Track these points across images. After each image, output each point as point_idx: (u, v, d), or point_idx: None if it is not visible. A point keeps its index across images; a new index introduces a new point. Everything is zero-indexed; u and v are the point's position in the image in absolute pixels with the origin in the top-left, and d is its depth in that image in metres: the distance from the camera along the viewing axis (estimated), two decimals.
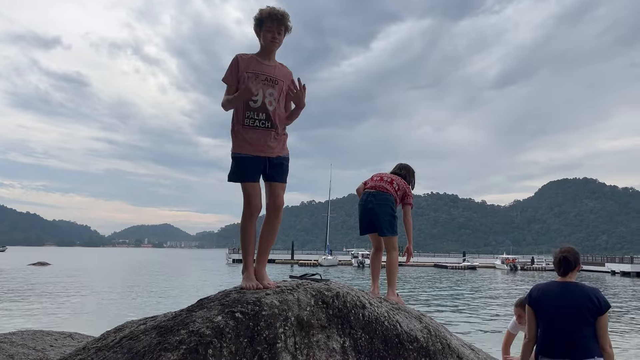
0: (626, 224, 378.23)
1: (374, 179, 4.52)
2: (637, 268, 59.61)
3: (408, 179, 4.64)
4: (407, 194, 4.47)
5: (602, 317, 3.29)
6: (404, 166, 4.75)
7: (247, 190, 3.26)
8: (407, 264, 77.83)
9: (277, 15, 3.33)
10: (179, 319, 2.80)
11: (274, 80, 3.37)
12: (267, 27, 3.34)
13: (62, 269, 52.56)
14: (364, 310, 3.14)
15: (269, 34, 3.35)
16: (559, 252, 3.59)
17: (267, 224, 3.36)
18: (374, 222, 4.37)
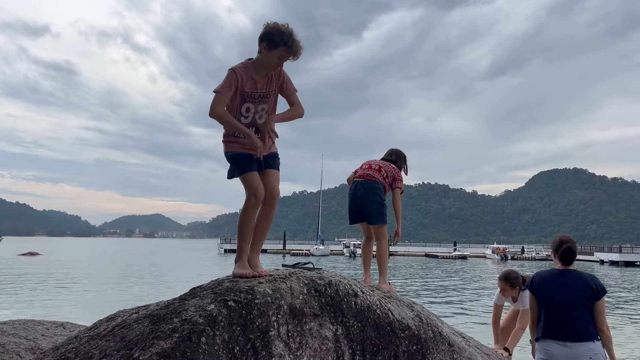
0: (615, 214, 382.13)
1: (362, 168, 4.52)
2: (625, 257, 60.36)
3: (399, 164, 4.65)
4: (396, 179, 4.47)
5: (599, 301, 3.64)
6: (394, 151, 4.75)
7: (250, 180, 3.25)
8: (398, 254, 78.18)
9: (294, 50, 3.16)
10: (172, 307, 2.80)
11: (267, 94, 3.31)
12: (278, 53, 3.16)
13: (53, 259, 52.34)
14: (356, 299, 3.15)
15: (276, 61, 3.19)
16: (561, 242, 3.83)
17: (262, 213, 3.36)
18: (363, 211, 4.38)
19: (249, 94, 3.23)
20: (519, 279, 4.89)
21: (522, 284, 4.88)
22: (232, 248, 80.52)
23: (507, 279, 4.92)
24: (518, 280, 4.89)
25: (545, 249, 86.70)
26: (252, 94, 3.24)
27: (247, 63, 3.26)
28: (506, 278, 4.93)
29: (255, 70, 3.23)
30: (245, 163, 3.26)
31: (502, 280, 4.95)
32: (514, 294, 4.94)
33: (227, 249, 79.76)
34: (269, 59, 3.17)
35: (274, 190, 3.34)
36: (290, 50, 3.14)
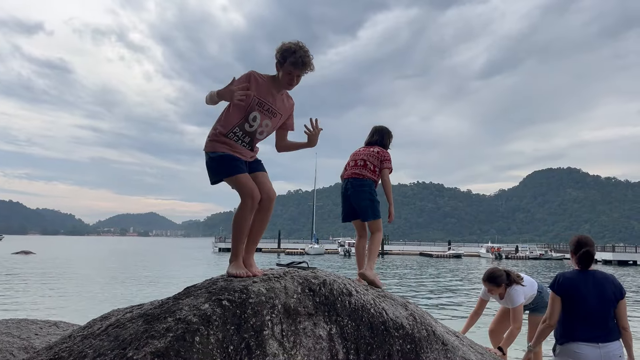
0: (608, 213, 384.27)
1: (349, 166, 4.48)
2: (619, 256, 60.70)
3: (384, 142, 4.57)
4: (383, 160, 4.39)
5: (622, 301, 3.75)
6: (377, 130, 4.64)
7: (244, 181, 3.22)
8: (393, 253, 78.21)
9: (302, 65, 3.25)
10: (166, 306, 2.80)
11: (275, 113, 3.36)
12: (288, 70, 3.26)
13: (46, 258, 52.11)
14: (350, 298, 3.16)
15: (288, 77, 3.29)
16: (579, 244, 3.97)
17: (260, 215, 3.34)
18: (355, 209, 4.37)
19: (260, 102, 3.27)
20: (502, 277, 4.85)
21: (507, 280, 4.85)
22: (226, 247, 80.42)
23: (491, 279, 4.89)
24: (502, 278, 4.84)
25: (539, 248, 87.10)
26: (263, 104, 3.28)
27: (268, 75, 3.35)
28: (489, 279, 4.90)
29: (273, 84, 3.32)
30: (234, 164, 3.22)
31: (486, 281, 4.92)
32: (500, 291, 4.90)
33: (222, 247, 79.72)
34: (282, 75, 3.28)
35: (270, 192, 3.36)
36: (295, 63, 3.23)
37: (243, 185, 3.21)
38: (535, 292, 5.02)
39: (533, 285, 5.06)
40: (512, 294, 4.83)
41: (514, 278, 4.89)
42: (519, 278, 4.93)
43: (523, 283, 4.92)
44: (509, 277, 4.87)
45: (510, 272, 4.96)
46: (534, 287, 5.04)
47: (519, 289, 4.86)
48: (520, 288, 4.88)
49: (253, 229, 3.37)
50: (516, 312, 4.82)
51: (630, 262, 59.72)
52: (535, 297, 5.03)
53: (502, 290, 4.90)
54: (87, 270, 37.34)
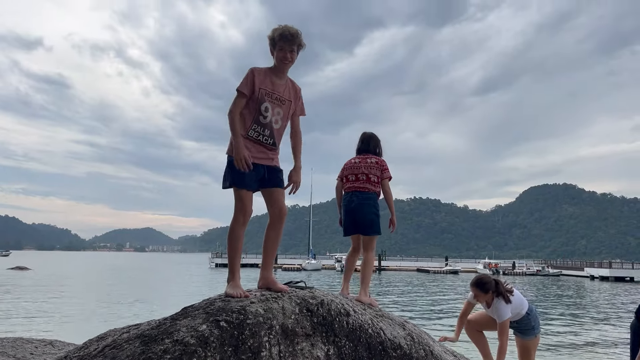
0: (604, 229, 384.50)
1: (349, 180, 4.44)
2: (615, 273, 60.58)
3: (379, 150, 4.57)
4: (384, 170, 4.41)
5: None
6: (369, 137, 4.61)
7: (243, 197, 3.30)
8: (390, 269, 77.77)
9: (288, 35, 3.39)
10: (163, 327, 2.79)
11: (283, 100, 3.48)
12: (279, 46, 3.41)
13: (42, 274, 51.73)
14: (348, 318, 3.16)
15: (281, 53, 3.43)
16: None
17: (272, 232, 3.48)
18: (358, 222, 4.33)
19: (267, 92, 3.40)
20: (491, 283, 4.80)
21: (495, 288, 4.81)
22: (223, 262, 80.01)
23: (478, 284, 4.85)
24: (490, 285, 4.79)
25: (536, 264, 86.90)
26: (270, 93, 3.41)
27: (267, 67, 3.50)
28: (477, 284, 4.86)
29: (273, 73, 3.47)
30: (247, 178, 3.29)
31: (473, 286, 4.89)
32: (487, 299, 4.84)
33: (219, 263, 79.26)
34: (276, 56, 3.44)
35: (282, 209, 3.46)
36: (282, 37, 3.40)
37: (241, 200, 3.29)
38: (523, 313, 4.95)
39: (523, 303, 4.98)
40: (499, 308, 4.77)
41: (502, 289, 4.83)
42: (509, 291, 4.86)
43: (512, 298, 4.84)
44: (497, 287, 4.82)
45: (500, 282, 4.90)
46: (523, 305, 4.97)
47: (507, 306, 4.79)
48: (508, 305, 4.80)
49: (268, 246, 3.49)
50: (503, 327, 4.76)
51: (627, 278, 59.61)
52: (523, 318, 4.95)
53: (489, 299, 4.84)
54: (83, 287, 37.06)
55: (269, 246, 3.48)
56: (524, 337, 5.05)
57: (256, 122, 3.36)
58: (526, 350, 5.08)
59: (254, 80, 3.37)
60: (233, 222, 3.32)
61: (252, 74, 3.39)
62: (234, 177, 3.30)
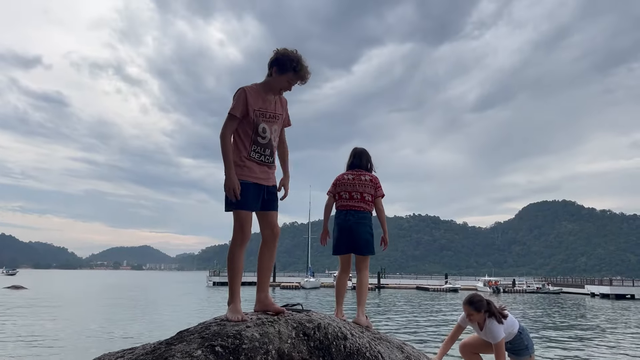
0: (604, 245, 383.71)
1: (343, 198, 4.39)
2: (616, 290, 60.29)
3: (371, 166, 4.53)
4: (377, 188, 4.38)
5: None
6: (361, 153, 4.57)
7: (244, 219, 3.29)
8: (389, 286, 77.38)
9: (306, 78, 3.42)
10: (158, 352, 2.75)
11: (277, 116, 3.48)
12: (289, 78, 3.37)
13: (38, 293, 51.35)
14: (345, 342, 3.12)
15: (286, 84, 3.41)
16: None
17: (267, 251, 3.47)
18: (354, 242, 4.27)
19: (261, 113, 3.36)
20: (483, 302, 4.78)
21: (487, 308, 4.77)
22: (221, 281, 79.49)
23: (471, 302, 4.80)
24: (482, 304, 4.77)
25: (536, 282, 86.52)
26: (264, 113, 3.38)
27: (257, 84, 3.44)
28: (470, 302, 4.82)
29: (264, 91, 3.42)
30: (250, 200, 3.30)
31: (466, 304, 4.83)
32: (479, 319, 4.80)
33: (216, 281, 78.77)
34: (279, 82, 3.39)
35: (275, 229, 3.49)
36: (299, 76, 3.38)
37: (241, 222, 3.28)
38: (515, 332, 4.93)
39: (514, 324, 4.96)
40: (493, 329, 4.73)
41: (494, 309, 4.80)
42: (502, 311, 4.82)
43: (504, 320, 4.81)
44: (489, 306, 4.78)
45: (492, 302, 4.86)
46: (514, 326, 4.95)
47: (500, 325, 4.75)
48: (501, 325, 4.77)
49: (262, 265, 3.48)
50: (499, 348, 4.72)
51: (628, 296, 59.32)
52: (515, 337, 4.94)
53: (481, 319, 4.79)
54: (79, 306, 36.77)
55: (265, 266, 3.47)
56: (519, 358, 4.99)
57: (255, 143, 3.35)
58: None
59: (246, 101, 3.32)
60: (232, 244, 3.29)
61: (245, 94, 3.33)
62: (239, 199, 3.27)
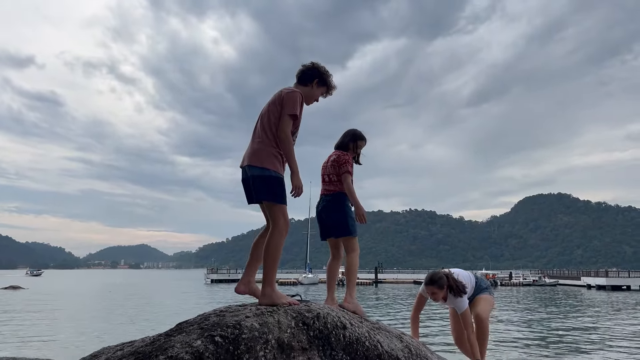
0: (600, 237, 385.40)
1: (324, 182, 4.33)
2: (612, 282, 60.61)
3: (344, 143, 4.39)
4: (341, 164, 4.18)
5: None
6: (345, 134, 4.49)
7: (286, 212, 3.42)
8: (387, 281, 77.48)
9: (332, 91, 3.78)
10: (157, 344, 2.75)
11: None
12: (322, 91, 3.71)
13: (36, 293, 51.25)
14: (344, 331, 3.12)
15: (319, 96, 3.73)
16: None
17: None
18: (325, 225, 4.20)
19: (298, 121, 3.52)
20: (443, 278, 4.76)
21: (448, 283, 4.75)
22: (219, 278, 79.51)
23: (433, 281, 4.77)
24: (443, 280, 4.75)
25: (532, 274, 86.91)
26: (298, 121, 3.53)
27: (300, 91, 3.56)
28: (432, 281, 4.78)
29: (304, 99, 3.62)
30: (285, 192, 3.40)
31: (429, 284, 4.79)
32: (443, 295, 4.80)
33: (214, 279, 78.84)
34: (316, 94, 3.66)
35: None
36: (330, 91, 3.75)
37: (283, 213, 3.38)
38: (473, 283, 5.01)
39: (470, 278, 5.02)
40: (456, 301, 4.77)
41: (453, 282, 4.77)
42: (460, 287, 4.77)
43: (465, 290, 4.82)
44: (449, 280, 4.77)
45: (451, 276, 4.84)
46: (471, 280, 5.01)
47: (464, 296, 4.79)
48: (464, 296, 4.80)
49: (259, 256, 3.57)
50: (465, 317, 4.75)
51: (624, 287, 59.65)
52: (474, 288, 5.02)
53: (445, 294, 4.80)
54: (78, 305, 36.72)
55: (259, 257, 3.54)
56: (479, 294, 5.04)
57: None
58: (482, 300, 4.99)
59: (302, 104, 3.52)
60: (280, 235, 3.35)
61: (302, 98, 3.52)
62: (281, 193, 3.39)
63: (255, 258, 3.62)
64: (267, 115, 3.45)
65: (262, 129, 3.46)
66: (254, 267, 3.65)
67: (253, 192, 3.41)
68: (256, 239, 3.69)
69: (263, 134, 3.43)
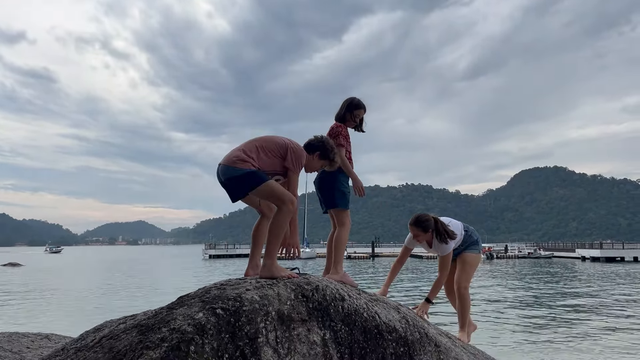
0: (595, 210, 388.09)
1: None
2: (606, 253, 61.25)
3: (341, 114, 4.31)
4: (334, 137, 4.15)
5: None
6: (342, 104, 4.38)
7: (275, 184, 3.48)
8: (384, 255, 77.89)
9: (334, 165, 3.92)
10: (160, 316, 2.80)
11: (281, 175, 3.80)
12: (323, 163, 3.81)
13: (34, 270, 51.52)
14: (343, 303, 3.18)
15: (319, 167, 3.85)
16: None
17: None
18: (320, 198, 4.21)
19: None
20: (430, 222, 4.58)
21: (435, 227, 4.59)
22: (217, 254, 79.98)
23: (418, 223, 4.60)
24: (429, 223, 4.57)
25: (528, 247, 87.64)
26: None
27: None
28: (417, 222, 4.61)
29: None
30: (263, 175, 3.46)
31: (413, 225, 4.63)
32: (427, 238, 4.65)
33: (212, 254, 79.30)
34: (315, 165, 3.79)
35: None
36: (332, 165, 3.90)
37: (280, 188, 3.43)
38: (462, 234, 4.83)
39: (459, 226, 4.85)
40: (441, 246, 4.62)
41: (442, 227, 4.59)
42: (449, 233, 4.61)
43: (454, 236, 4.64)
44: (437, 225, 4.58)
45: (439, 220, 4.66)
46: (460, 229, 4.83)
47: (450, 242, 4.63)
48: (450, 242, 4.63)
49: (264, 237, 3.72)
50: (444, 261, 4.66)
51: (618, 259, 60.33)
52: (464, 237, 4.85)
53: (429, 238, 4.65)
54: (77, 281, 36.97)
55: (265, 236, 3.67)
56: (467, 251, 4.90)
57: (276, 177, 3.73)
58: (467, 265, 4.89)
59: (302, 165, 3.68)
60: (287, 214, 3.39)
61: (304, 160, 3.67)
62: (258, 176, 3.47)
63: (258, 243, 3.79)
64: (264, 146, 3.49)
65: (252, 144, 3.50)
66: (258, 251, 3.79)
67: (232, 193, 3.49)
68: (255, 225, 3.83)
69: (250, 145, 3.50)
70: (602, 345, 13.17)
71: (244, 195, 3.49)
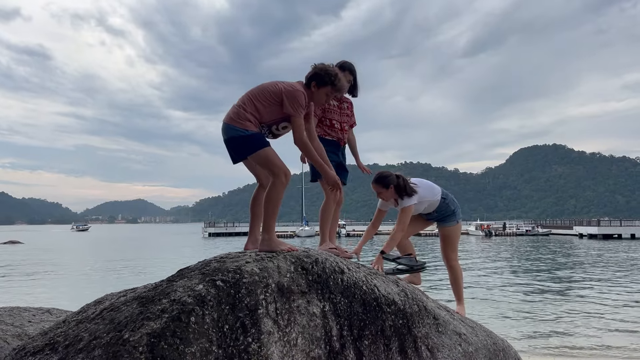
0: (593, 188, 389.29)
1: None
2: (604, 230, 61.69)
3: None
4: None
5: None
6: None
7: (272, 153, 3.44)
8: (382, 233, 78.41)
9: (339, 88, 3.59)
10: (160, 289, 2.81)
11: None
12: (326, 91, 3.53)
13: (35, 247, 51.79)
14: (342, 275, 3.20)
15: (325, 97, 3.58)
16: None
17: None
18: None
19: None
20: (391, 177, 4.48)
21: (396, 183, 4.46)
22: (216, 232, 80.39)
23: (378, 180, 4.50)
24: (390, 179, 4.46)
25: (526, 224, 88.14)
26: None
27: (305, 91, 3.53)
28: (378, 180, 4.51)
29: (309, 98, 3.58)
30: (264, 139, 3.43)
31: (373, 183, 4.53)
32: (391, 195, 4.52)
33: (212, 232, 79.74)
34: (319, 96, 3.54)
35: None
36: (336, 89, 3.54)
37: (277, 158, 3.37)
38: (438, 198, 4.70)
39: (433, 189, 4.72)
40: (404, 200, 4.49)
41: (403, 182, 4.47)
42: (410, 188, 4.48)
43: (417, 188, 4.54)
44: (398, 180, 4.46)
45: (403, 176, 4.55)
46: (434, 191, 4.71)
47: (413, 196, 4.50)
48: (413, 196, 4.50)
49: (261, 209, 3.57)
50: (403, 213, 4.49)
51: (615, 236, 60.75)
52: (440, 205, 4.74)
53: (394, 195, 4.52)
54: (77, 258, 37.19)
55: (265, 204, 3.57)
56: (446, 224, 4.85)
57: (269, 128, 3.59)
58: (449, 239, 4.88)
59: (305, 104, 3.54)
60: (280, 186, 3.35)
61: (303, 96, 3.53)
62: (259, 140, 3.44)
63: (257, 217, 3.69)
64: (258, 96, 3.41)
65: (246, 97, 3.44)
66: (257, 224, 3.70)
67: (232, 154, 3.46)
68: (252, 197, 3.77)
69: (246, 99, 3.43)
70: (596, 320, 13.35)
71: (243, 158, 3.46)
